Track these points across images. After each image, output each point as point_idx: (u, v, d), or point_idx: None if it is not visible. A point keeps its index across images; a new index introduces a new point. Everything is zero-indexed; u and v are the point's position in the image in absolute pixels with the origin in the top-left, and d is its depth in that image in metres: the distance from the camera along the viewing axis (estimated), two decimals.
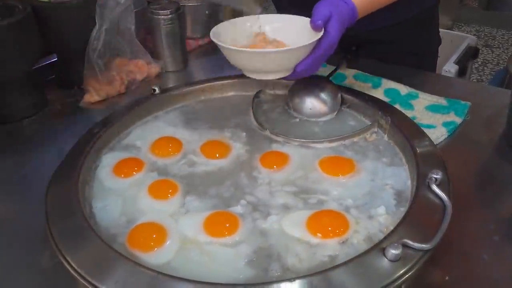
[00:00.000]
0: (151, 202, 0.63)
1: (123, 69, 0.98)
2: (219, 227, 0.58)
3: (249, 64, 0.71)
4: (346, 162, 0.68)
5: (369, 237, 0.56)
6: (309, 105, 0.80)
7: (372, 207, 0.60)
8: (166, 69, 1.05)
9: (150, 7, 1.00)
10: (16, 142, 0.83)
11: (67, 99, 0.95)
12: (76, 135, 0.72)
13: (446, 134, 0.79)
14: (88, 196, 0.64)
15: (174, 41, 1.02)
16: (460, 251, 0.58)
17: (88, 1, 0.90)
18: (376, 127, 0.75)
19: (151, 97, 0.81)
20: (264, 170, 0.68)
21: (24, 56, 0.85)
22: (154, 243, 0.56)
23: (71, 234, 0.54)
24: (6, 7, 0.85)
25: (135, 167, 0.69)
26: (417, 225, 0.54)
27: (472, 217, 0.63)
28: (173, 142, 0.73)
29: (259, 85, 0.85)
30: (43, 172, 0.66)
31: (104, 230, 0.58)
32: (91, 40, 0.90)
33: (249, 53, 0.70)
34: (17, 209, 0.68)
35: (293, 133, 0.75)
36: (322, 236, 0.56)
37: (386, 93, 0.90)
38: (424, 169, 0.61)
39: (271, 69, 0.71)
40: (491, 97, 0.91)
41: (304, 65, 0.70)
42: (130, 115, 0.78)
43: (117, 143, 0.75)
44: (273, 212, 0.60)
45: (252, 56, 0.70)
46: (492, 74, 2.89)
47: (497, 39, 3.35)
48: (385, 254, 0.49)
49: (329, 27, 0.69)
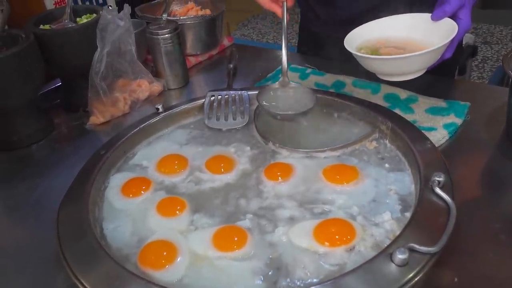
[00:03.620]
0: (160, 220, 0.64)
1: (126, 90, 1.00)
2: (228, 242, 0.59)
3: (390, 69, 0.73)
4: (350, 169, 0.69)
5: (376, 243, 0.57)
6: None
7: (378, 213, 0.61)
8: (168, 87, 1.07)
9: (149, 27, 1.02)
10: (26, 168, 0.84)
11: (73, 122, 0.97)
12: (84, 157, 0.73)
13: (447, 136, 0.79)
14: (98, 218, 0.65)
15: (174, 59, 1.04)
16: (467, 252, 0.59)
17: (88, 26, 0.92)
18: (377, 133, 0.76)
19: (155, 116, 0.83)
20: (269, 183, 0.69)
21: (29, 83, 0.87)
22: (165, 260, 0.57)
23: (84, 256, 0.55)
24: (10, 36, 0.88)
25: (143, 186, 0.70)
26: (423, 229, 0.54)
27: (477, 217, 0.64)
28: (179, 159, 0.75)
29: None
30: (54, 196, 0.68)
31: (116, 251, 0.59)
32: (93, 63, 0.92)
33: (394, 60, 0.71)
34: (30, 233, 0.69)
35: (296, 143, 0.76)
36: (330, 245, 0.56)
37: (386, 98, 0.91)
38: (427, 173, 0.62)
39: (415, 70, 0.73)
40: (490, 95, 0.92)
41: (450, 52, 0.74)
42: (136, 135, 0.80)
43: (124, 163, 0.77)
44: (280, 224, 0.61)
45: (396, 61, 0.71)
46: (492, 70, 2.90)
47: (495, 36, 3.36)
48: (393, 259, 0.50)
49: (462, 14, 0.73)
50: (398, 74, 0.74)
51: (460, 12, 0.73)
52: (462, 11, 0.73)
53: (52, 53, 0.91)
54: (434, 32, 0.75)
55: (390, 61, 0.71)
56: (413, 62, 0.71)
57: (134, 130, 0.80)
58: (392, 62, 0.71)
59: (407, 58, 0.70)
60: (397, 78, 0.75)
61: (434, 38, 0.74)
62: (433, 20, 0.75)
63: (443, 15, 0.74)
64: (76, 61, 0.94)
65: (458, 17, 0.73)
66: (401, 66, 0.72)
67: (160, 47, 1.02)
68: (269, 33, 3.99)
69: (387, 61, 0.71)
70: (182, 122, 0.86)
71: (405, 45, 0.78)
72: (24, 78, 0.85)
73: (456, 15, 0.73)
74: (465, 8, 0.73)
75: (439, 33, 0.73)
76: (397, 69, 0.73)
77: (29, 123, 0.90)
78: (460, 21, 0.73)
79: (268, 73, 1.06)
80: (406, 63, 0.71)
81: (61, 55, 0.93)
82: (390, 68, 0.73)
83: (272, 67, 1.08)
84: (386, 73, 0.75)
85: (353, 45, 0.76)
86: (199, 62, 1.19)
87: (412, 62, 0.71)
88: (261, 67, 1.10)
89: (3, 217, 0.74)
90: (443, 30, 0.73)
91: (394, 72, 0.74)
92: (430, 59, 0.71)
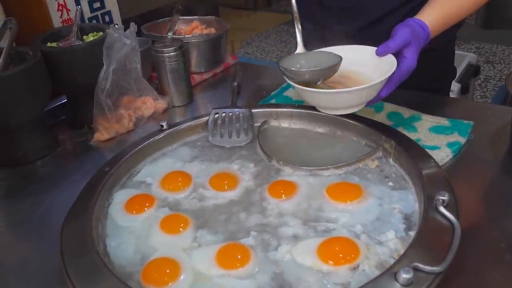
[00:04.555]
0: (163, 237, 0.64)
1: (131, 107, 1.00)
2: (231, 259, 0.58)
3: (324, 103, 0.74)
4: (353, 187, 0.69)
5: (380, 262, 0.56)
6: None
7: (382, 232, 0.61)
8: (172, 104, 1.07)
9: (154, 45, 1.03)
10: (30, 184, 0.84)
11: (78, 139, 0.98)
12: (88, 174, 0.74)
13: (451, 154, 0.79)
14: (102, 234, 0.65)
15: (179, 77, 1.05)
16: (472, 272, 0.58)
17: (95, 44, 0.93)
18: (381, 151, 0.76)
19: (159, 133, 0.83)
20: (273, 200, 0.69)
21: (36, 100, 0.88)
22: (168, 278, 0.57)
23: (87, 273, 0.55)
24: (18, 54, 0.89)
25: (147, 203, 0.70)
26: (427, 248, 0.54)
27: (482, 237, 0.64)
28: (183, 176, 0.75)
29: (263, 116, 0.88)
30: (58, 212, 0.68)
31: (119, 268, 0.59)
32: (99, 80, 0.93)
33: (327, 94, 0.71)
34: (34, 249, 0.69)
35: (299, 161, 0.77)
36: (334, 263, 0.56)
37: (389, 117, 0.91)
38: (431, 191, 0.62)
39: (349, 105, 0.74)
40: (494, 115, 0.92)
41: (387, 91, 0.73)
42: (140, 152, 0.80)
43: (128, 180, 0.77)
44: (284, 242, 0.61)
45: (330, 96, 0.71)
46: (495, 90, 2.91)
47: (497, 55, 3.38)
48: (397, 278, 0.50)
49: (407, 52, 0.71)
50: (333, 108, 0.76)
51: (405, 50, 0.71)
52: (408, 49, 0.71)
53: (59, 71, 0.92)
54: (377, 67, 0.74)
55: (323, 95, 0.71)
56: (346, 98, 0.71)
57: (139, 147, 0.80)
58: (325, 96, 0.72)
59: (340, 93, 0.70)
60: (332, 111, 0.76)
61: (375, 74, 0.73)
62: (377, 55, 0.74)
63: (386, 50, 0.72)
64: (82, 79, 0.95)
65: (403, 55, 0.71)
66: (335, 100, 0.72)
67: (165, 65, 1.03)
68: (273, 51, 4.02)
69: (320, 95, 0.71)
70: (186, 139, 0.86)
71: (345, 79, 0.78)
72: (30, 94, 0.86)
73: (401, 53, 0.71)
74: (412, 46, 0.71)
75: (381, 69, 0.72)
76: (331, 103, 0.74)
77: (34, 139, 0.91)
78: (404, 59, 0.71)
79: (272, 91, 1.06)
80: (339, 98, 0.70)
81: (67, 72, 0.94)
82: (325, 102, 0.74)
83: (276, 85, 1.08)
84: (322, 106, 0.77)
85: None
86: (203, 80, 1.20)
87: (346, 98, 0.71)
88: (265, 85, 1.11)
89: (7, 232, 0.74)
90: (385, 66, 0.72)
91: (329, 106, 0.76)
92: (365, 95, 0.71)
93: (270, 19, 4.76)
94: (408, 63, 0.71)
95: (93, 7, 1.15)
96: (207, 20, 1.28)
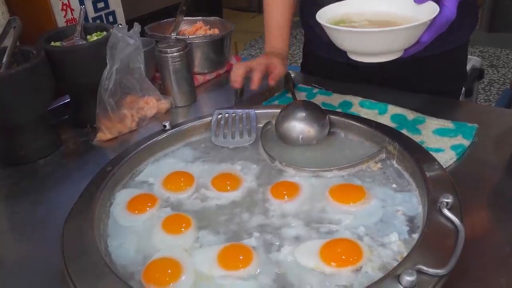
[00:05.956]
0: (165, 237, 0.63)
1: (134, 107, 1.00)
2: (233, 260, 0.58)
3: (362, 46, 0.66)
4: (356, 189, 0.68)
5: (383, 265, 0.56)
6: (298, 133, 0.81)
7: (385, 234, 0.60)
8: (175, 104, 1.07)
9: (158, 46, 1.03)
10: (32, 182, 0.84)
11: (81, 138, 0.98)
12: (90, 173, 0.73)
13: (455, 157, 0.79)
14: (103, 234, 0.65)
15: (182, 77, 1.05)
16: (476, 276, 0.58)
17: (98, 44, 0.93)
18: (384, 153, 0.76)
19: (162, 133, 0.83)
20: (275, 201, 0.68)
21: (39, 99, 0.88)
22: (169, 278, 0.56)
23: (88, 273, 0.55)
24: (22, 53, 0.89)
25: (149, 203, 0.70)
26: (431, 251, 0.54)
27: (487, 240, 0.63)
28: (185, 176, 0.75)
29: (266, 117, 0.87)
30: (60, 211, 0.68)
31: (120, 268, 0.59)
32: (102, 80, 0.93)
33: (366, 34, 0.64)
34: (35, 248, 0.69)
35: (302, 162, 0.76)
36: (336, 265, 0.56)
37: (393, 119, 0.91)
38: (435, 194, 0.61)
39: (388, 49, 0.66)
40: (498, 118, 0.92)
41: (428, 36, 0.67)
42: (142, 152, 0.80)
43: (130, 180, 0.76)
44: (286, 243, 0.61)
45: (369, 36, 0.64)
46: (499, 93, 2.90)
47: (501, 59, 3.37)
48: (400, 281, 0.49)
49: (447, 1, 0.66)
50: (368, 52, 0.67)
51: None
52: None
53: (62, 70, 0.92)
54: (414, 13, 0.68)
55: (360, 35, 0.64)
56: (388, 39, 0.64)
57: (141, 147, 0.80)
58: (363, 36, 0.64)
59: (381, 32, 0.63)
60: (367, 58, 0.67)
61: (413, 18, 0.67)
62: (416, 3, 0.68)
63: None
64: (86, 78, 0.95)
65: (442, 4, 0.66)
66: (374, 41, 0.64)
67: (169, 65, 1.03)
68: None
69: (357, 35, 0.64)
70: (189, 140, 0.86)
71: (382, 22, 0.71)
72: (34, 93, 0.86)
73: (441, 2, 0.66)
74: None
75: (420, 14, 0.67)
76: (369, 45, 0.65)
77: (37, 138, 0.90)
78: (444, 8, 0.65)
79: (275, 92, 1.06)
80: (379, 38, 0.64)
81: (71, 71, 0.94)
82: (361, 44, 0.65)
83: (279, 86, 1.08)
84: (357, 50, 0.68)
85: (326, 18, 0.70)
86: (206, 80, 1.20)
87: (387, 38, 0.64)
88: (268, 86, 1.10)
89: (9, 231, 0.74)
90: (424, 12, 0.67)
91: (365, 49, 0.66)
92: (406, 37, 0.65)
93: None
94: (447, 13, 0.66)
95: (97, 7, 1.15)
96: (210, 21, 1.28)
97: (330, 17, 0.71)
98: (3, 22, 0.98)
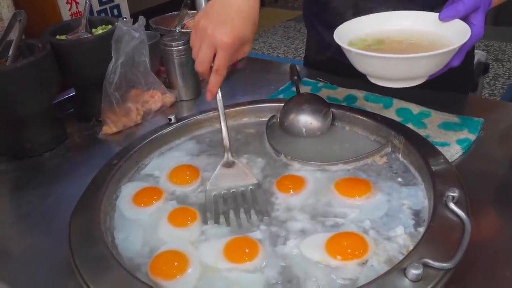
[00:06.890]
0: (171, 230, 0.64)
1: (139, 100, 1.00)
2: (239, 253, 0.58)
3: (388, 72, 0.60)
4: (362, 183, 0.68)
5: (389, 258, 0.56)
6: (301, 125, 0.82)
7: (391, 228, 0.60)
8: (180, 98, 1.07)
9: (163, 39, 1.03)
10: (38, 176, 0.85)
11: (86, 132, 0.98)
12: (96, 167, 0.74)
13: (461, 151, 0.79)
14: (109, 227, 0.65)
15: (187, 71, 1.05)
16: (482, 269, 0.58)
17: (104, 37, 0.93)
18: (390, 147, 0.76)
19: (167, 127, 0.83)
20: (281, 195, 0.69)
21: (45, 92, 0.88)
22: (176, 271, 0.56)
23: (95, 265, 0.55)
24: (27, 46, 0.89)
25: (154, 196, 0.70)
26: (437, 244, 0.54)
27: (493, 234, 0.63)
28: (191, 170, 0.75)
29: (272, 110, 0.87)
30: (66, 204, 0.68)
31: (127, 261, 0.59)
32: (107, 73, 0.93)
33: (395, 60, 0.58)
34: (41, 241, 0.70)
35: (308, 156, 0.76)
36: (342, 258, 0.56)
37: (398, 113, 0.91)
38: (441, 188, 0.61)
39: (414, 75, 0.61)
40: (504, 112, 0.91)
41: (458, 60, 0.63)
42: (148, 146, 0.80)
43: (136, 173, 0.77)
44: (292, 236, 0.61)
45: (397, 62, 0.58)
46: (504, 88, 2.89)
47: (506, 53, 3.35)
48: (406, 274, 0.49)
49: (475, 18, 0.62)
50: (393, 78, 0.61)
51: (473, 17, 0.63)
52: (476, 15, 0.62)
53: (68, 63, 0.92)
54: (441, 34, 0.64)
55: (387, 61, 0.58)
56: (415, 65, 0.59)
57: (147, 140, 0.80)
58: (389, 62, 0.58)
59: (410, 59, 0.57)
60: (391, 83, 0.62)
61: (440, 41, 0.63)
62: (442, 20, 0.64)
63: (454, 14, 0.62)
64: (91, 71, 0.95)
65: (470, 22, 0.62)
66: (400, 68, 0.59)
67: (174, 59, 1.03)
68: (280, 47, 4.02)
69: (383, 60, 0.59)
70: (195, 133, 0.86)
71: (406, 46, 0.65)
72: (39, 87, 0.86)
73: (468, 20, 0.63)
74: (480, 12, 0.62)
75: (447, 32, 0.63)
76: (394, 71, 0.60)
77: (42, 132, 0.91)
78: (472, 26, 0.62)
79: (280, 86, 1.06)
80: (407, 65, 0.58)
81: (76, 65, 0.94)
82: (385, 70, 0.60)
83: (283, 80, 1.08)
84: (380, 75, 0.62)
85: (344, 39, 0.64)
86: None
87: (415, 65, 0.59)
88: (273, 80, 1.10)
89: (15, 224, 0.75)
90: (452, 33, 0.62)
91: (390, 74, 0.61)
92: (436, 63, 0.60)
93: (277, 16, 4.75)
94: (476, 31, 0.62)
95: (102, 0, 1.15)
96: None
97: (351, 36, 0.66)
98: (8, 16, 0.98)
